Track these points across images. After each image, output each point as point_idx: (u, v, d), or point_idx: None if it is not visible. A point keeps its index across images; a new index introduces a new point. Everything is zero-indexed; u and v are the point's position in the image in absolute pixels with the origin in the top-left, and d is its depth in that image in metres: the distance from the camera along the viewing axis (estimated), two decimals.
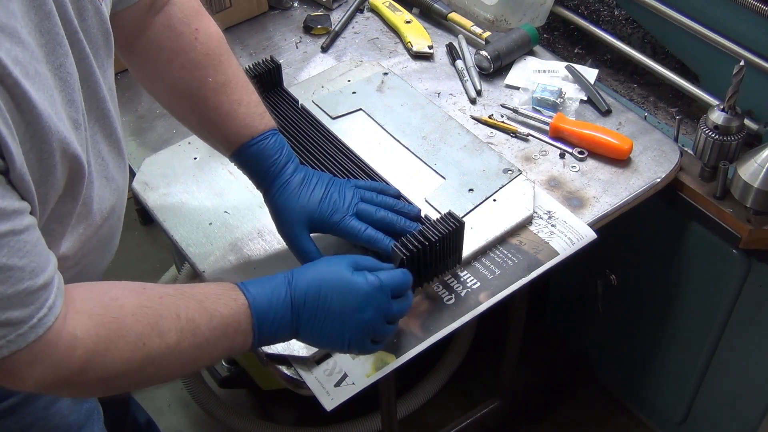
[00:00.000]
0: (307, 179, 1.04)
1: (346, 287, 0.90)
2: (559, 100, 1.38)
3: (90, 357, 0.73)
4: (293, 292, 0.88)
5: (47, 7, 0.71)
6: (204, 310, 0.83)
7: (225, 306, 0.84)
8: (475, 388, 1.94)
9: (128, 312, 0.77)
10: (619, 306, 1.65)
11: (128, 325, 0.76)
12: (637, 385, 1.79)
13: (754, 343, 1.44)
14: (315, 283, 0.89)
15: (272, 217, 1.06)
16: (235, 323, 0.85)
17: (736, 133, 1.21)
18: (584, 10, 1.66)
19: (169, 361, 0.80)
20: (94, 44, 0.82)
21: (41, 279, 0.69)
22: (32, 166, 0.70)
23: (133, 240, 2.37)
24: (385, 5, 1.63)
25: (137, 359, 0.77)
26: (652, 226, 1.45)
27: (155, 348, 0.78)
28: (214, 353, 0.85)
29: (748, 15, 1.25)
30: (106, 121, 0.87)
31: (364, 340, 0.93)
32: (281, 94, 1.32)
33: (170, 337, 0.79)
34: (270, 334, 0.88)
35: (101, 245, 0.93)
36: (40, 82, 0.69)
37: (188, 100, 1.03)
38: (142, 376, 0.79)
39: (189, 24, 1.01)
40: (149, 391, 2.03)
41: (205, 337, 0.82)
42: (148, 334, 0.77)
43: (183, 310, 0.81)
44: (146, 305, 0.79)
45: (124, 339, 0.76)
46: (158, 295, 0.81)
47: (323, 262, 0.95)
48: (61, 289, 0.73)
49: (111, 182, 0.89)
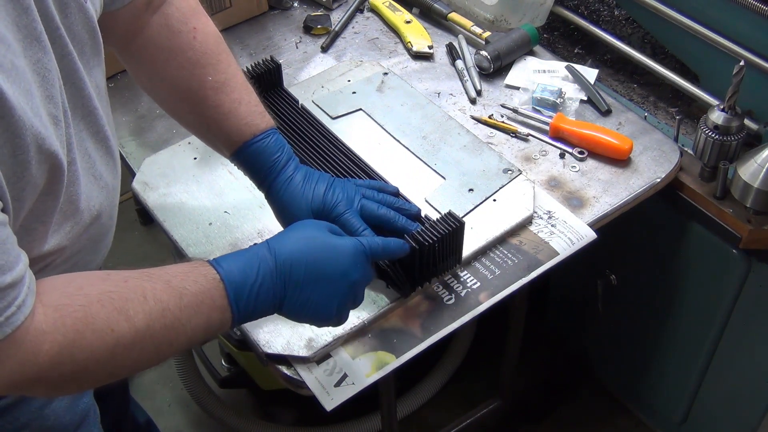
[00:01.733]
0: (309, 176, 1.04)
1: (334, 250, 0.89)
2: (559, 100, 1.38)
3: (59, 350, 0.72)
4: (277, 261, 0.86)
5: (25, 3, 0.70)
6: (172, 289, 0.79)
7: (194, 283, 0.81)
8: (475, 388, 1.94)
9: (93, 299, 0.75)
10: (619, 306, 1.65)
11: (94, 313, 0.74)
12: (637, 385, 1.79)
13: (754, 343, 1.44)
14: (299, 248, 0.87)
15: (276, 215, 1.06)
16: (209, 300, 0.82)
17: (736, 133, 1.21)
18: (584, 10, 1.66)
19: (141, 345, 0.77)
20: (78, 41, 0.81)
21: (8, 277, 0.68)
22: (5, 162, 0.68)
23: (133, 240, 2.37)
24: (385, 5, 1.63)
25: (107, 346, 0.75)
26: (652, 226, 1.45)
27: (124, 333, 0.75)
28: (190, 333, 0.81)
29: (748, 15, 1.25)
30: (92, 119, 0.86)
31: (347, 307, 0.92)
32: (281, 94, 1.32)
33: (139, 320, 0.76)
34: (250, 308, 0.85)
35: (92, 243, 0.92)
36: (16, 76, 0.68)
37: (188, 99, 1.03)
38: (114, 364, 0.77)
39: (187, 23, 1.01)
40: (149, 391, 2.04)
41: (176, 317, 0.79)
42: (116, 319, 0.75)
43: (150, 292, 0.78)
44: (111, 290, 0.76)
45: (91, 327, 0.74)
46: (123, 279, 0.78)
47: (299, 227, 0.92)
48: (32, 289, 0.72)
49: (99, 180, 0.88)
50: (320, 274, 0.88)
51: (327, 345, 1.03)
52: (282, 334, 1.04)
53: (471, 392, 1.93)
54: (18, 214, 0.74)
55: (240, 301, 0.84)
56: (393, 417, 1.46)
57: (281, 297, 0.87)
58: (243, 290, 0.84)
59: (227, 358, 1.92)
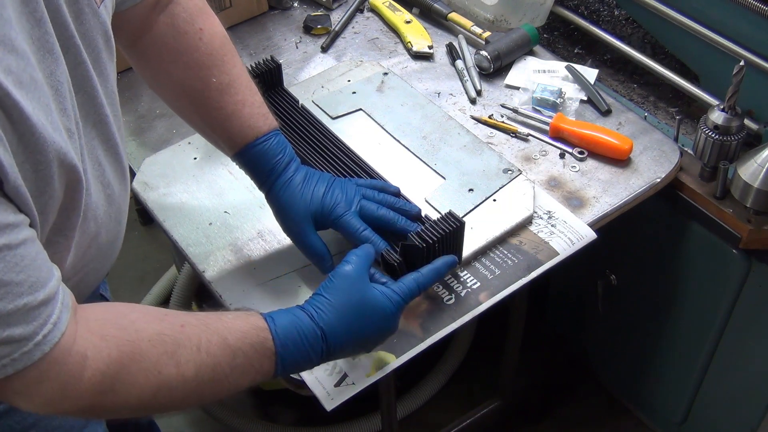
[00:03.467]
0: (309, 177, 1.04)
1: (374, 316, 0.91)
2: (559, 100, 1.38)
3: (101, 379, 0.71)
4: (323, 329, 0.87)
5: (38, 14, 0.70)
6: (227, 347, 0.80)
7: (250, 347, 0.82)
8: (475, 388, 1.94)
9: (145, 337, 0.75)
10: (619, 306, 1.64)
11: (144, 351, 0.74)
12: (637, 385, 1.79)
13: (754, 343, 1.44)
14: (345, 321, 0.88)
15: (276, 216, 1.06)
16: (258, 365, 0.83)
17: (736, 133, 1.21)
18: (584, 10, 1.66)
19: (186, 393, 0.78)
20: (93, 48, 0.81)
21: (41, 294, 0.67)
22: (28, 178, 0.68)
23: (133, 240, 2.37)
24: (385, 5, 1.63)
25: (151, 386, 0.75)
26: (652, 226, 1.45)
27: (171, 378, 0.76)
28: (234, 389, 0.83)
29: (748, 15, 1.25)
30: (103, 127, 0.86)
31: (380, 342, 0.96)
32: (281, 93, 1.32)
33: (188, 369, 0.76)
34: (291, 370, 0.87)
35: (101, 253, 0.91)
36: (36, 91, 0.68)
37: (192, 99, 1.03)
38: (155, 404, 0.77)
39: (193, 23, 1.01)
40: None
41: (225, 374, 0.80)
42: (165, 362, 0.75)
43: (204, 344, 0.78)
44: (165, 333, 0.76)
45: (138, 364, 0.73)
46: (180, 324, 0.78)
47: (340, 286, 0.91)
48: (66, 304, 0.71)
49: (107, 188, 0.88)
50: (360, 336, 0.90)
51: None
52: None
53: (471, 392, 1.93)
54: (44, 228, 0.74)
55: (286, 364, 0.86)
56: (393, 417, 1.46)
57: (322, 359, 0.89)
58: (289, 361, 0.85)
59: None
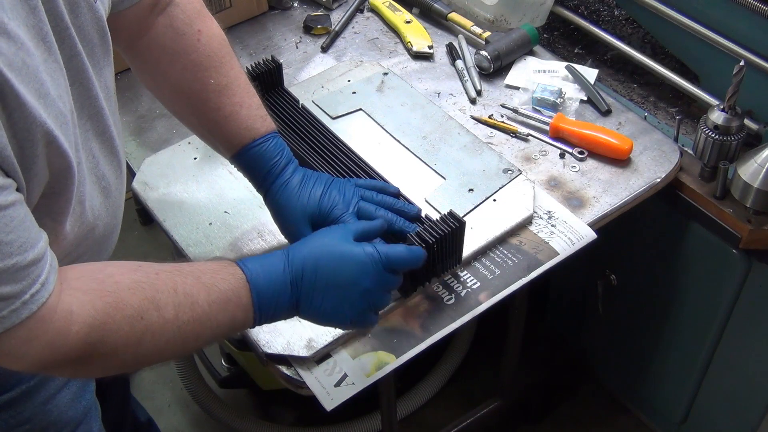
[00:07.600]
0: (306, 179, 1.04)
1: (341, 257, 0.90)
2: (559, 100, 1.38)
3: (88, 331, 0.74)
4: (291, 266, 0.88)
5: (33, 2, 0.71)
6: (201, 284, 0.83)
7: (223, 281, 0.84)
8: (475, 388, 1.94)
9: (124, 287, 0.77)
10: (619, 306, 1.65)
11: (125, 299, 0.76)
12: (637, 385, 1.79)
13: (754, 343, 1.44)
14: (311, 256, 0.89)
15: (273, 218, 1.06)
16: (236, 298, 0.85)
17: (736, 133, 1.21)
18: (584, 10, 1.66)
19: (169, 335, 0.80)
20: (88, 42, 0.82)
21: (30, 254, 0.69)
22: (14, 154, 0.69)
23: (133, 240, 2.37)
24: (385, 5, 1.63)
25: (136, 333, 0.77)
26: (652, 226, 1.45)
27: (153, 322, 0.78)
28: (216, 329, 0.85)
29: (748, 15, 1.25)
30: (99, 119, 0.87)
31: (365, 312, 0.92)
32: (282, 93, 1.32)
33: (168, 311, 0.79)
34: (270, 310, 0.88)
35: (96, 245, 0.93)
36: (27, 75, 0.69)
37: (190, 101, 1.04)
38: (142, 351, 0.79)
39: (191, 25, 1.02)
40: (149, 391, 2.04)
41: (204, 311, 0.82)
42: (146, 308, 0.77)
43: (180, 285, 0.81)
44: (142, 280, 0.79)
45: (122, 312, 0.76)
46: (154, 271, 0.81)
47: (320, 233, 0.94)
48: (54, 266, 0.73)
49: (102, 180, 0.89)
50: (329, 282, 0.89)
51: (327, 345, 1.03)
52: (282, 334, 1.04)
53: (471, 392, 1.93)
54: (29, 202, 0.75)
55: (263, 303, 0.87)
56: (393, 417, 1.46)
57: (296, 302, 0.89)
58: (266, 293, 0.87)
59: (227, 358, 1.92)
